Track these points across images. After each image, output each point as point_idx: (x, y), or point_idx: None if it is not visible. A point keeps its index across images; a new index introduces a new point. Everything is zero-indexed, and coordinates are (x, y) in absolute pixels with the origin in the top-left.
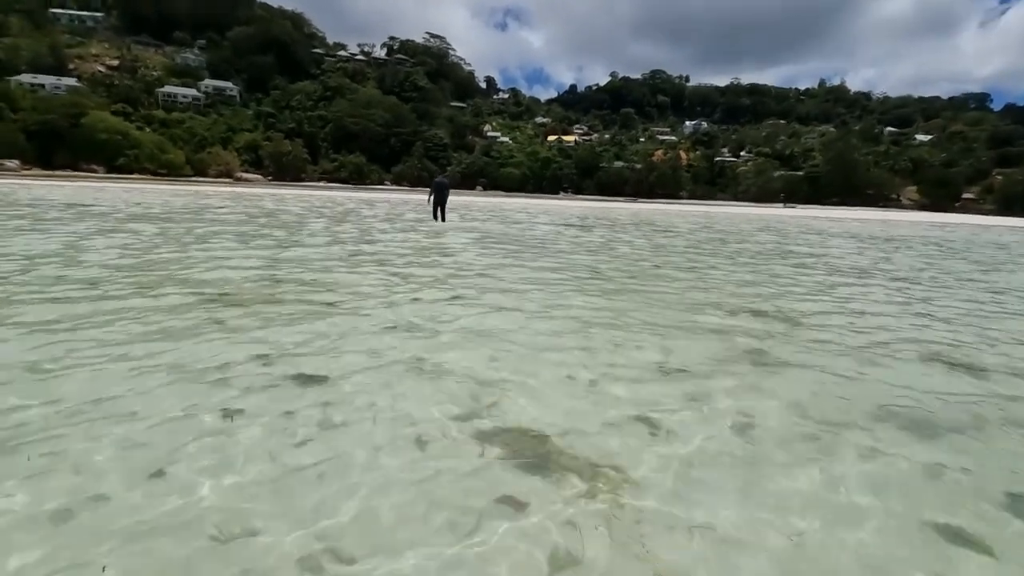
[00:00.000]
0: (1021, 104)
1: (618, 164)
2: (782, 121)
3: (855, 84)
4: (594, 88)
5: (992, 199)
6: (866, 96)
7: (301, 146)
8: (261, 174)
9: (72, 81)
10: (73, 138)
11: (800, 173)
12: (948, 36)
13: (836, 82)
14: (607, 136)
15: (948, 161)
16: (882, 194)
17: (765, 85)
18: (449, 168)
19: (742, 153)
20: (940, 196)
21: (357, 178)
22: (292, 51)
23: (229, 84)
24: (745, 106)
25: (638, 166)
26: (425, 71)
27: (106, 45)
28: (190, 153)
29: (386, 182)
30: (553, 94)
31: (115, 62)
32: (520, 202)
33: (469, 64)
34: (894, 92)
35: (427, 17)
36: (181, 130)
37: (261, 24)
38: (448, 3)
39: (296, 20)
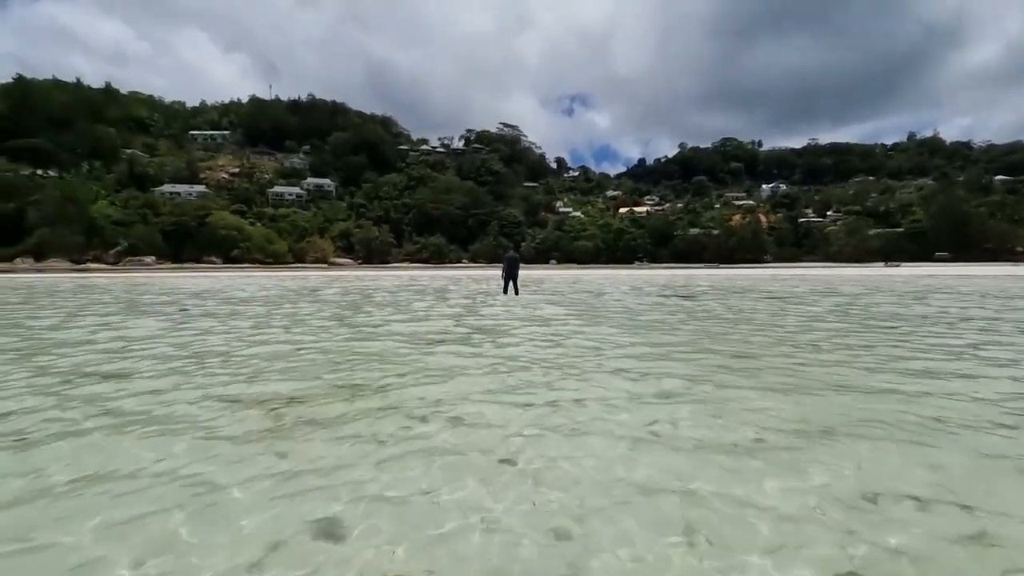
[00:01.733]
0: None
1: (694, 231)
2: (871, 177)
3: (949, 135)
4: (663, 160)
5: None
6: (966, 145)
7: (387, 231)
8: (352, 258)
9: (202, 188)
10: (199, 235)
11: (899, 229)
12: None
13: (927, 134)
14: (680, 205)
15: None
16: (1005, 247)
17: (847, 143)
18: (523, 244)
19: (829, 213)
20: None
21: (437, 258)
22: (381, 150)
23: (327, 181)
24: (826, 166)
25: (715, 232)
26: (499, 157)
27: (230, 156)
28: (292, 243)
29: (464, 260)
30: (622, 169)
31: (236, 170)
32: (598, 273)
33: (540, 147)
34: (998, 139)
35: (500, 109)
36: (286, 223)
37: (356, 130)
38: (519, 96)
39: (385, 123)
